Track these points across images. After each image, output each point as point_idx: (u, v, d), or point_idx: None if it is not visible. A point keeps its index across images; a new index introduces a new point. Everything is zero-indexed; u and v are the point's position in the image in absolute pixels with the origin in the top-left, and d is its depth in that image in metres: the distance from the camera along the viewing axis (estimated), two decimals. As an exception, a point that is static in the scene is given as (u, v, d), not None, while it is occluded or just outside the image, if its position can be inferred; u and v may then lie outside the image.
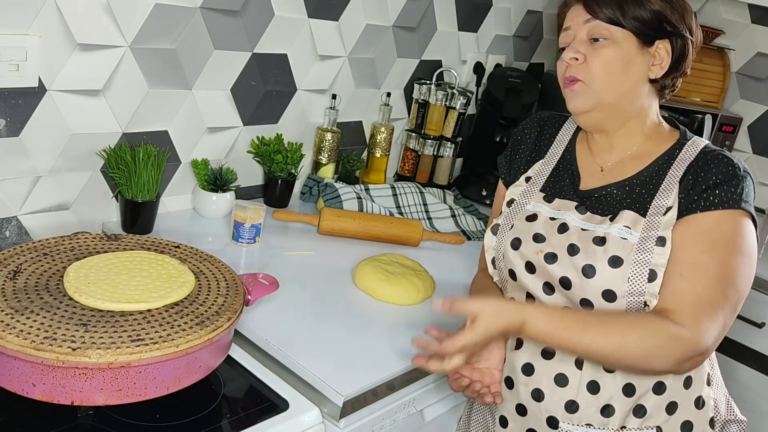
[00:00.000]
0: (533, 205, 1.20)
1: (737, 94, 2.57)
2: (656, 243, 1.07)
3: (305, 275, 1.48)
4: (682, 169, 1.12)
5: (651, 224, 1.09)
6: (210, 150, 1.71)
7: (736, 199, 1.07)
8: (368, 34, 1.93)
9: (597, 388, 1.11)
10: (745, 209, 1.07)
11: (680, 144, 1.16)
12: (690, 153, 1.14)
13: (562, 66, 1.16)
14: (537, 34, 2.52)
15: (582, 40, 1.13)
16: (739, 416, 1.23)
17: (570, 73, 1.14)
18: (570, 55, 1.13)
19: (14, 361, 0.93)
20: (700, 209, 1.07)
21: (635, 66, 1.12)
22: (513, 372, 1.17)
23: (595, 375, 1.11)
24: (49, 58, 1.35)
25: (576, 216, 1.15)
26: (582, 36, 1.13)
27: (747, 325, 1.99)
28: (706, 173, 1.09)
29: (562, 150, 1.25)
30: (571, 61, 1.13)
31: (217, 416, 1.08)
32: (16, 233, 1.43)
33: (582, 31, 1.13)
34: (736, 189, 1.07)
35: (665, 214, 1.09)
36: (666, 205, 1.10)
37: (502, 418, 1.20)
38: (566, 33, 1.16)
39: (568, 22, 1.16)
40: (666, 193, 1.11)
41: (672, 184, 1.11)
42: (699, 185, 1.09)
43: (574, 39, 1.14)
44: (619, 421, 1.11)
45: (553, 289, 1.14)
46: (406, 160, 2.14)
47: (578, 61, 1.12)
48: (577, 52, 1.13)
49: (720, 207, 1.06)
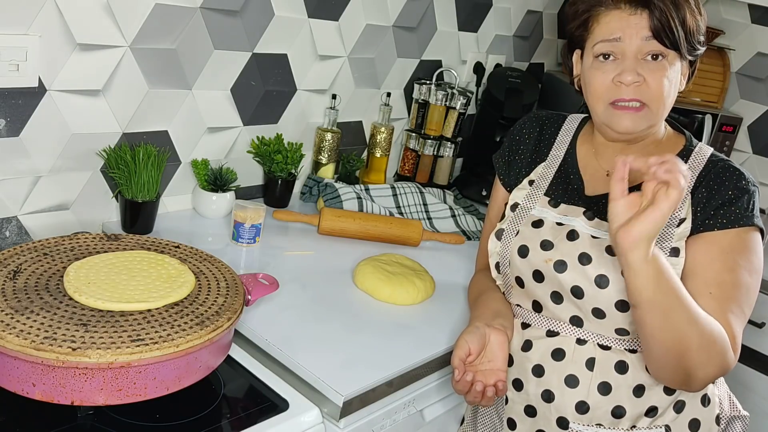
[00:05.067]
0: (538, 210, 1.19)
1: (737, 94, 2.57)
2: (670, 254, 1.07)
3: (305, 275, 1.48)
4: (692, 179, 1.12)
5: (664, 235, 1.08)
6: (210, 150, 1.71)
7: (749, 216, 1.07)
8: (368, 34, 1.93)
9: (608, 389, 1.11)
10: (757, 225, 1.08)
11: (687, 151, 1.15)
12: (698, 162, 1.13)
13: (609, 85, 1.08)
14: (537, 34, 2.52)
15: (635, 58, 1.06)
16: (742, 412, 1.23)
17: (630, 95, 1.06)
18: (631, 78, 1.05)
19: (14, 361, 0.93)
20: (717, 227, 1.07)
21: (677, 83, 1.10)
22: (523, 373, 1.16)
23: (606, 376, 1.11)
24: (49, 58, 1.35)
25: (584, 222, 1.14)
26: (635, 52, 1.06)
27: (747, 325, 1.96)
28: (719, 187, 1.09)
29: (563, 152, 1.24)
30: (632, 85, 1.06)
31: (217, 416, 1.08)
32: (16, 233, 1.43)
33: (635, 46, 1.06)
34: (748, 205, 1.08)
35: (678, 226, 1.09)
36: (679, 217, 1.09)
37: (510, 420, 1.19)
38: (614, 44, 1.07)
39: (618, 31, 1.06)
40: (678, 204, 1.10)
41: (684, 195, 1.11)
42: (714, 200, 1.08)
43: (623, 54, 1.07)
44: (629, 422, 1.11)
45: (561, 298, 1.13)
46: (406, 160, 2.14)
47: (638, 84, 1.06)
48: (638, 75, 1.05)
49: (736, 225, 1.07)
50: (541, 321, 1.16)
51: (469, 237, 1.86)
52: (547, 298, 1.14)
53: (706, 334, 0.98)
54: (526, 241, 1.16)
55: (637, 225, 0.91)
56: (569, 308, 1.12)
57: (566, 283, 1.11)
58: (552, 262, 1.12)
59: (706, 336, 0.98)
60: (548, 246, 1.14)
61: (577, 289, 1.10)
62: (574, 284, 1.10)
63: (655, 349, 1.01)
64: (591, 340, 1.12)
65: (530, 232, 1.17)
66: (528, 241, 1.16)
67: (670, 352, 0.99)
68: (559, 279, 1.11)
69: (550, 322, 1.15)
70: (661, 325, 0.97)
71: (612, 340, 1.11)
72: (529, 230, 1.17)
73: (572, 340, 1.13)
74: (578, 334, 1.13)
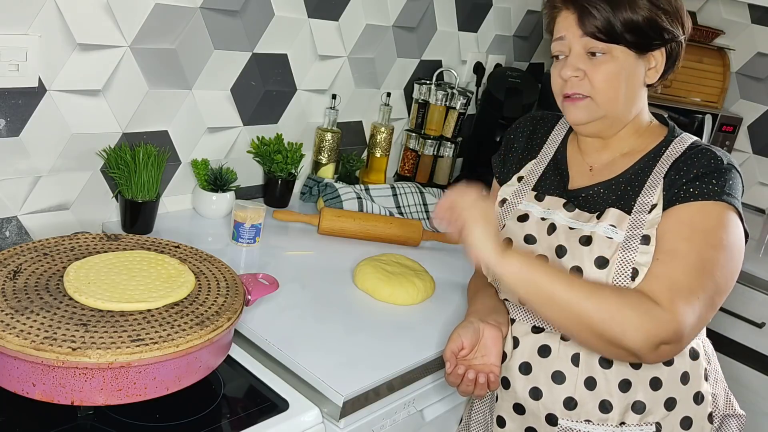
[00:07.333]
0: (525, 204, 1.21)
1: (737, 94, 2.57)
2: (641, 242, 1.07)
3: (305, 275, 1.48)
4: (666, 165, 1.12)
5: (636, 222, 1.09)
6: (210, 150, 1.71)
7: (717, 192, 1.06)
8: (368, 34, 1.93)
9: (594, 384, 1.11)
10: (729, 202, 1.06)
11: (667, 141, 1.16)
12: (676, 150, 1.14)
13: (559, 80, 1.14)
14: (537, 34, 2.52)
15: (579, 54, 1.11)
16: (738, 411, 1.23)
17: (572, 90, 1.12)
18: (570, 73, 1.11)
19: (14, 361, 0.93)
20: (679, 201, 1.07)
21: (634, 76, 1.12)
22: (510, 372, 1.17)
23: (591, 371, 1.12)
24: (49, 58, 1.35)
25: (564, 214, 1.15)
26: (578, 49, 1.11)
27: (747, 325, 1.99)
28: (688, 167, 1.09)
29: (554, 150, 1.26)
30: (572, 79, 1.11)
31: (217, 416, 1.08)
32: (16, 233, 1.43)
33: (578, 44, 1.11)
34: (718, 181, 1.07)
35: (650, 212, 1.09)
36: (651, 203, 1.10)
37: (499, 418, 1.20)
38: (561, 42, 1.13)
39: (562, 31, 1.13)
40: (650, 191, 1.11)
41: (656, 180, 1.12)
42: (681, 179, 1.09)
43: (569, 51, 1.12)
44: (618, 417, 1.11)
45: None
46: (406, 160, 2.14)
47: (578, 78, 1.11)
48: (577, 69, 1.11)
49: (700, 198, 1.06)
50: (527, 315, 1.18)
51: (469, 237, 1.85)
52: None
53: (607, 303, 1.00)
54: (511, 235, 1.18)
55: (468, 240, 1.04)
56: None
57: None
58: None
59: (607, 305, 0.99)
60: (531, 240, 1.16)
61: None
62: None
63: (570, 332, 1.07)
64: None
65: (515, 226, 1.19)
66: (513, 235, 1.18)
67: (581, 329, 1.02)
68: None
69: (535, 316, 1.17)
70: (554, 309, 1.02)
71: None
72: (514, 224, 1.19)
73: (557, 336, 1.14)
74: None
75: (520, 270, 1.02)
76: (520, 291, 1.04)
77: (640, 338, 0.99)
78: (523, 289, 1.03)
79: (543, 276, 1.02)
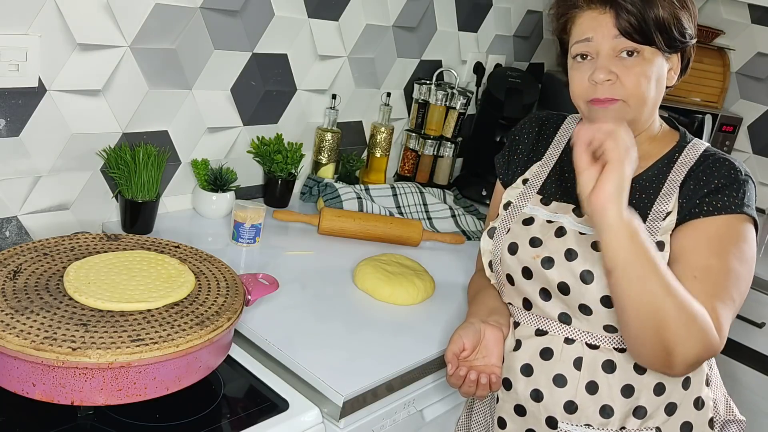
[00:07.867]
0: (530, 208, 1.20)
1: (737, 94, 2.57)
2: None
3: (305, 275, 1.48)
4: (682, 173, 1.11)
5: (651, 229, 1.08)
6: (210, 150, 1.71)
7: (738, 204, 1.06)
8: (368, 34, 1.93)
9: (595, 389, 1.11)
10: (748, 214, 1.07)
11: (680, 147, 1.15)
12: (690, 157, 1.13)
13: (586, 84, 1.08)
14: (537, 34, 2.52)
15: (609, 56, 1.06)
16: (738, 416, 1.23)
17: (604, 94, 1.06)
18: (603, 77, 1.05)
19: (14, 361, 0.93)
20: (703, 214, 1.07)
21: (662, 78, 1.09)
22: (512, 373, 1.17)
23: (593, 375, 1.11)
24: (49, 58, 1.35)
25: (573, 218, 1.14)
26: (608, 51, 1.06)
27: (747, 325, 1.99)
28: (708, 177, 1.09)
29: (559, 151, 1.25)
30: (605, 83, 1.06)
31: (217, 416, 1.08)
32: (16, 233, 1.43)
33: (607, 45, 1.06)
34: (738, 194, 1.07)
35: (664, 219, 1.09)
36: (666, 210, 1.09)
37: (500, 419, 1.19)
38: (586, 44, 1.08)
39: (590, 31, 1.07)
40: (666, 198, 1.11)
41: (672, 189, 1.11)
42: (701, 190, 1.08)
43: (597, 54, 1.07)
44: (618, 422, 1.11)
45: (549, 295, 1.13)
46: (406, 160, 2.14)
47: (611, 82, 1.06)
48: (610, 72, 1.05)
49: (723, 212, 1.06)
50: (531, 319, 1.17)
51: (469, 237, 1.86)
52: (536, 295, 1.15)
53: (685, 308, 0.96)
54: (516, 239, 1.17)
55: (603, 183, 0.95)
56: (557, 305, 1.13)
57: (553, 280, 1.11)
58: (539, 259, 1.13)
59: (684, 310, 0.96)
60: (537, 243, 1.14)
61: (564, 285, 1.10)
62: (560, 280, 1.10)
63: (632, 323, 0.99)
64: (579, 339, 1.12)
65: (520, 229, 1.18)
66: (518, 238, 1.17)
67: (647, 325, 0.97)
68: (546, 275, 1.12)
69: (539, 320, 1.16)
70: (637, 292, 0.96)
71: (600, 339, 1.11)
72: (519, 228, 1.18)
73: (560, 339, 1.13)
74: (567, 332, 1.13)
75: (633, 236, 0.95)
76: (619, 256, 0.96)
77: (691, 355, 0.98)
78: (623, 256, 0.96)
79: (648, 254, 0.96)
